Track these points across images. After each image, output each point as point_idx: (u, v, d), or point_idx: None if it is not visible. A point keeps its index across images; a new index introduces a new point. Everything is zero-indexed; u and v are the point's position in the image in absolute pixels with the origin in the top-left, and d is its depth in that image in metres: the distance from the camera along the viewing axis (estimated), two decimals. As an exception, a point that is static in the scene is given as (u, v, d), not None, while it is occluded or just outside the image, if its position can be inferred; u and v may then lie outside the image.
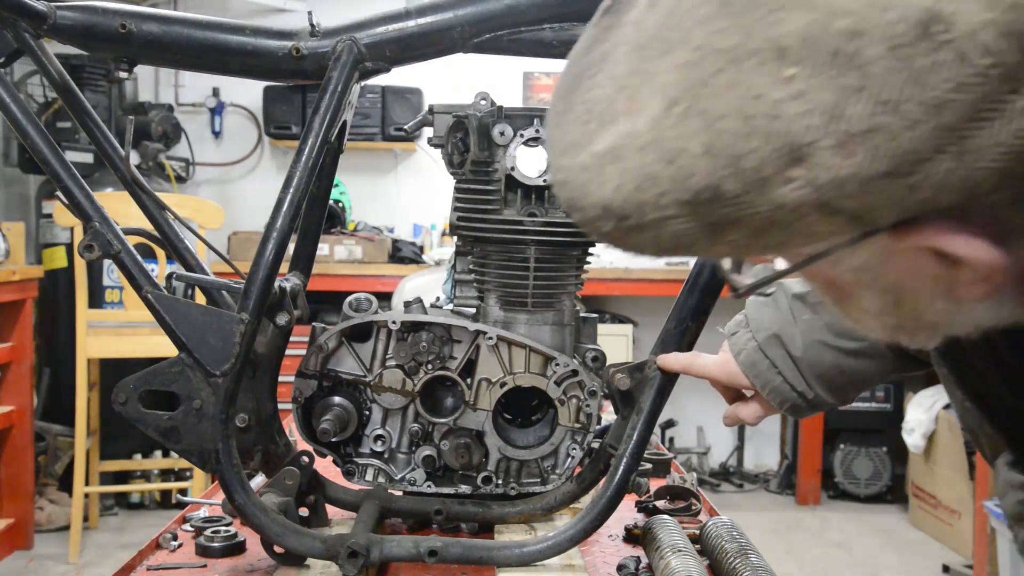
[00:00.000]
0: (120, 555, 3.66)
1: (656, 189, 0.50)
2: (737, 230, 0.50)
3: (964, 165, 0.45)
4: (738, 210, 0.49)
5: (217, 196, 5.18)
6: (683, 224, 0.51)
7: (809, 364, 1.10)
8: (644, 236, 0.53)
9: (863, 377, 1.12)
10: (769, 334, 1.12)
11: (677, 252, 0.54)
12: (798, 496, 4.81)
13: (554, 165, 0.58)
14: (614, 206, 0.52)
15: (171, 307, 1.10)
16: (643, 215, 0.51)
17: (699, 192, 0.49)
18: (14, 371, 3.74)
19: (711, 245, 0.52)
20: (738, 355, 1.13)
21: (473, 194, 1.23)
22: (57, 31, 1.12)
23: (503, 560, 1.14)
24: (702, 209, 0.49)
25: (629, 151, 0.51)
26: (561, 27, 1.14)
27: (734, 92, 0.47)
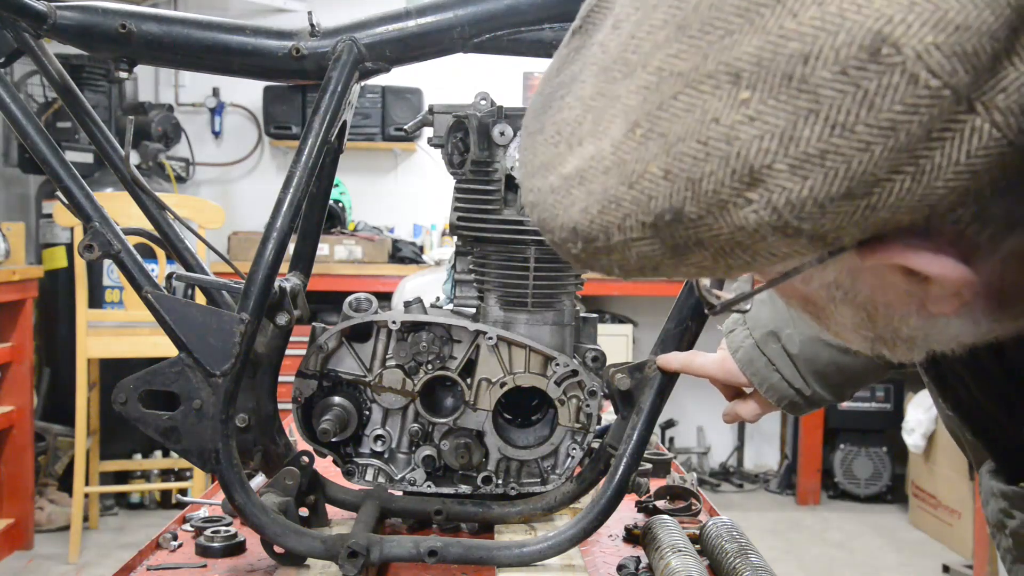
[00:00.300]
0: (120, 555, 3.66)
1: (620, 212, 0.50)
2: (701, 252, 0.50)
3: (921, 185, 0.45)
4: (700, 232, 0.49)
5: (217, 196, 5.18)
6: (647, 246, 0.51)
7: (806, 361, 1.11)
8: (611, 258, 0.53)
9: (860, 373, 1.13)
10: (766, 331, 1.12)
11: (644, 274, 0.54)
12: (798, 496, 4.82)
13: (526, 186, 0.58)
14: (581, 228, 0.53)
15: (171, 307, 1.10)
16: (609, 237, 0.52)
17: (661, 215, 0.49)
18: (14, 371, 3.74)
19: (677, 267, 0.52)
20: (735, 352, 1.14)
21: (473, 194, 1.23)
22: (57, 31, 1.12)
23: (503, 560, 1.14)
24: (665, 232, 0.50)
25: (594, 173, 0.51)
26: (561, 27, 1.14)
27: (691, 115, 0.47)
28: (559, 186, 0.54)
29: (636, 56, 0.51)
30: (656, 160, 0.48)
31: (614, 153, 0.50)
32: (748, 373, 1.13)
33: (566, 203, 0.53)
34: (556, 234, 0.55)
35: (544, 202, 0.55)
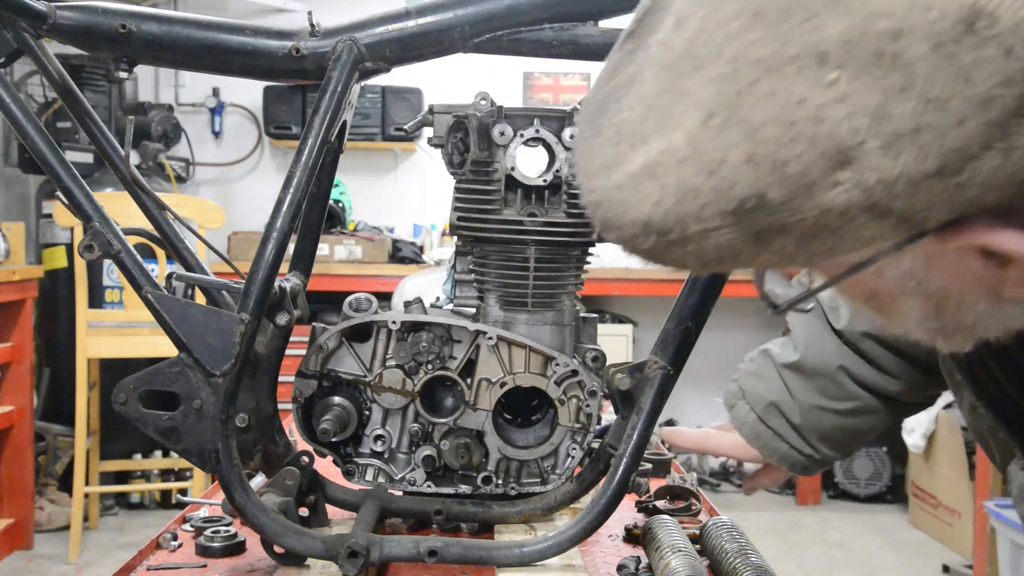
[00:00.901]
0: (120, 555, 3.66)
1: (698, 201, 0.50)
2: (784, 238, 0.50)
3: (1011, 162, 0.45)
4: (784, 217, 0.49)
5: (217, 196, 5.18)
6: (727, 235, 0.51)
7: (812, 427, 1.15)
8: (687, 250, 0.53)
9: (863, 431, 1.18)
10: (766, 404, 1.16)
11: (721, 265, 0.54)
12: (798, 496, 4.82)
13: (586, 187, 0.58)
14: (654, 222, 0.52)
15: (171, 307, 1.10)
16: (685, 229, 0.51)
17: (743, 201, 0.49)
18: (14, 371, 3.74)
19: (756, 255, 0.52)
20: (741, 428, 1.18)
21: (473, 194, 1.23)
22: (57, 31, 1.12)
23: (503, 560, 1.14)
24: (746, 219, 0.49)
25: (666, 167, 0.51)
26: (561, 27, 1.14)
27: (774, 100, 0.47)
28: (626, 183, 0.54)
29: (707, 49, 0.50)
30: (737, 147, 0.48)
31: (689, 144, 0.50)
32: (757, 446, 1.17)
33: (635, 199, 0.53)
34: (625, 230, 0.55)
35: (610, 200, 0.55)
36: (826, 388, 1.14)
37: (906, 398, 1.15)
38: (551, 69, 5.42)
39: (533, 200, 1.24)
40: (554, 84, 5.46)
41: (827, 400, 1.13)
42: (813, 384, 1.14)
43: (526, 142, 1.23)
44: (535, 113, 1.23)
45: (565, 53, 1.15)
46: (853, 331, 1.13)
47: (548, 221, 1.22)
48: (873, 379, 1.13)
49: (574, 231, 1.23)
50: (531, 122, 1.22)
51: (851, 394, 1.14)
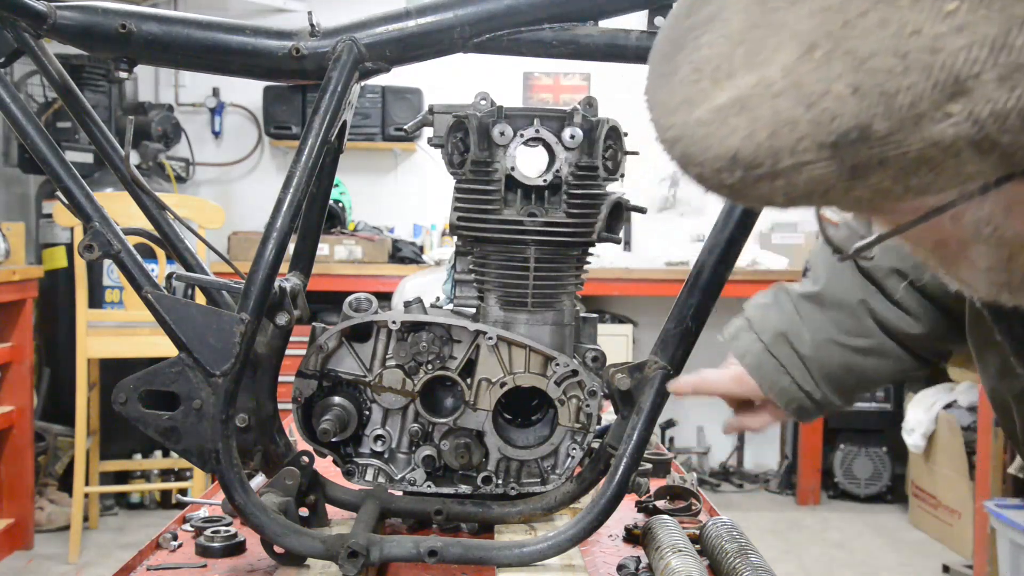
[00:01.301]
0: (120, 555, 3.66)
1: (795, 134, 0.50)
2: (881, 172, 0.49)
3: None
4: (886, 150, 0.48)
5: (217, 196, 5.18)
6: (821, 169, 0.50)
7: (819, 363, 1.11)
8: (775, 184, 0.52)
9: (871, 377, 1.13)
10: (775, 333, 1.12)
11: (809, 200, 0.53)
12: (798, 496, 4.81)
13: (663, 124, 0.57)
14: (743, 155, 0.52)
15: (171, 307, 1.10)
16: (777, 162, 0.51)
17: (845, 133, 0.48)
18: (14, 371, 3.74)
19: (848, 191, 0.51)
20: (743, 357, 1.14)
21: (473, 194, 1.23)
22: (57, 31, 1.12)
23: (503, 560, 1.14)
24: (845, 151, 0.49)
25: (759, 100, 0.51)
26: (561, 27, 1.14)
27: (886, 30, 0.46)
28: (710, 119, 0.53)
29: None
30: (842, 78, 0.48)
31: (786, 77, 0.50)
32: (757, 377, 1.13)
33: (722, 133, 0.52)
34: (707, 166, 0.54)
35: (692, 135, 0.54)
36: (842, 322, 1.11)
37: (922, 345, 1.12)
38: (551, 69, 5.42)
39: (533, 200, 1.24)
40: (554, 84, 5.46)
41: (841, 334, 1.10)
42: (829, 316, 1.11)
43: (526, 142, 1.22)
44: (535, 113, 1.23)
45: (565, 53, 1.15)
46: (880, 267, 1.10)
47: (548, 221, 1.22)
48: (893, 318, 1.10)
49: (574, 231, 1.23)
50: (531, 122, 1.22)
51: (867, 331, 1.11)
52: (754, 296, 1.19)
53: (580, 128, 1.22)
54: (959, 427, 3.97)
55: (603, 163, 1.24)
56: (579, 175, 1.22)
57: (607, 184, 1.26)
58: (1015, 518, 3.01)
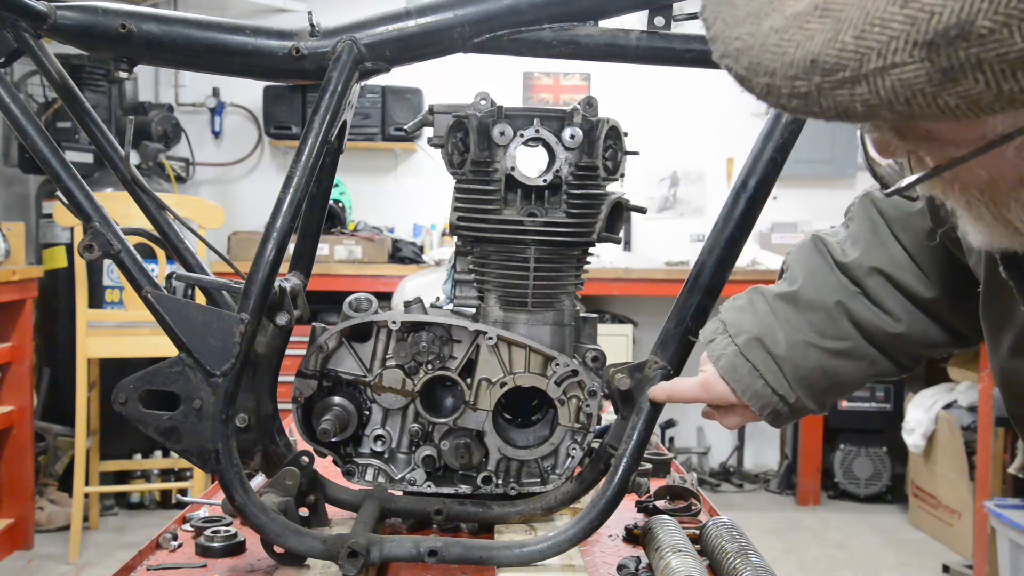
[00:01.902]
0: (120, 555, 3.67)
1: (886, 34, 0.48)
2: (975, 76, 0.48)
3: None
4: (985, 50, 0.47)
5: (217, 196, 5.18)
6: (911, 71, 0.48)
7: (793, 365, 1.09)
8: (856, 91, 0.51)
9: (845, 380, 1.12)
10: (749, 337, 1.10)
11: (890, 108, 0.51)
12: (798, 496, 4.82)
13: (726, 37, 0.56)
14: (825, 59, 0.50)
15: (171, 307, 1.10)
16: (862, 64, 0.49)
17: (944, 32, 0.47)
18: (14, 371, 3.74)
19: (935, 97, 0.49)
20: (717, 360, 1.12)
21: (473, 194, 1.23)
22: (57, 31, 1.12)
23: (503, 560, 1.14)
24: (942, 52, 0.47)
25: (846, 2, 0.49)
26: (561, 27, 1.14)
27: None
28: (785, 25, 0.52)
29: None
30: None
31: None
32: (731, 381, 1.10)
33: (800, 38, 0.51)
34: (779, 74, 0.52)
35: (762, 44, 0.53)
36: (818, 323, 1.09)
37: (899, 347, 1.10)
38: (551, 69, 5.42)
39: (533, 200, 1.24)
40: (554, 84, 5.46)
41: (816, 336, 1.08)
42: (805, 318, 1.09)
43: (526, 142, 1.22)
44: (535, 113, 1.23)
45: (565, 53, 1.15)
46: (861, 266, 1.09)
47: (548, 221, 1.22)
48: (871, 319, 1.08)
49: (574, 231, 1.23)
50: (531, 122, 1.22)
51: (843, 333, 1.09)
52: (730, 299, 1.18)
53: (580, 128, 1.22)
54: (959, 427, 3.97)
55: (603, 163, 1.24)
56: (579, 175, 1.22)
57: (607, 184, 1.26)
58: (1015, 518, 3.01)
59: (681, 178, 5.48)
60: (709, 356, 1.13)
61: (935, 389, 4.33)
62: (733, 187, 1.18)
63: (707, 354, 1.14)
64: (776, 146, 1.15)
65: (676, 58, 1.15)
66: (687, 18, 1.14)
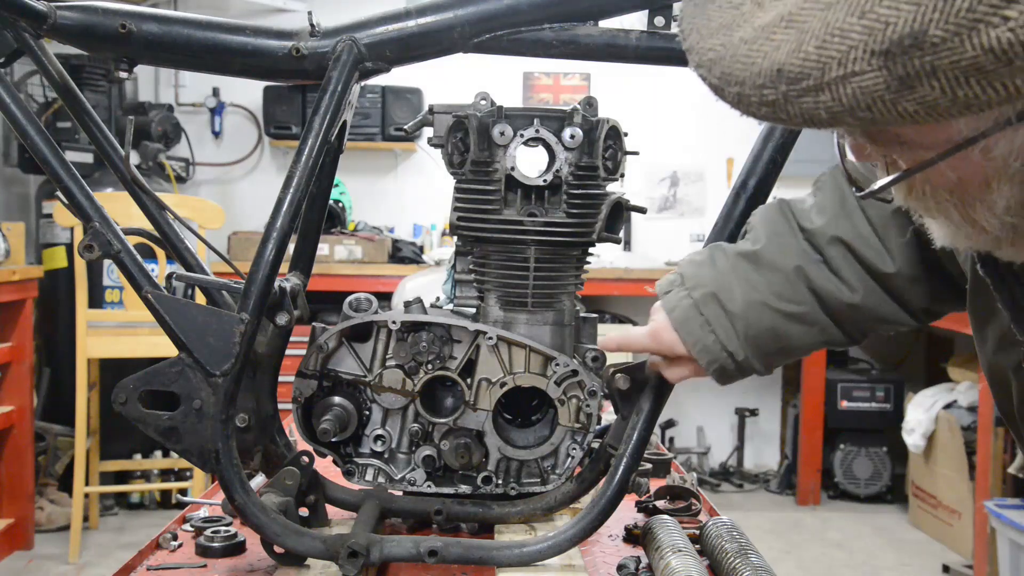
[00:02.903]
0: (120, 555, 3.66)
1: (845, 44, 0.50)
2: (930, 83, 0.49)
3: None
4: (939, 58, 0.48)
5: (217, 196, 5.18)
6: (870, 79, 0.50)
7: (746, 324, 1.09)
8: (820, 98, 0.52)
9: (795, 344, 1.12)
10: (706, 292, 1.10)
11: (852, 115, 0.53)
12: (798, 496, 4.81)
13: (700, 48, 0.57)
14: (789, 68, 0.52)
15: (171, 307, 1.10)
16: (824, 73, 0.51)
17: (898, 41, 0.48)
18: (14, 371, 3.74)
19: (894, 104, 0.51)
20: (671, 312, 1.11)
21: (473, 194, 1.23)
22: (57, 31, 1.12)
23: (503, 560, 1.14)
24: (897, 60, 0.49)
25: (809, 13, 0.51)
26: (561, 27, 1.14)
27: None
28: (754, 36, 0.54)
29: None
30: None
31: None
32: (682, 332, 1.10)
33: (767, 49, 0.53)
34: (748, 83, 0.54)
35: (733, 54, 0.55)
36: (776, 285, 1.09)
37: (852, 318, 1.11)
38: (551, 69, 5.42)
39: (533, 200, 1.24)
40: (554, 84, 5.46)
41: (773, 297, 1.09)
42: (763, 277, 1.10)
43: (526, 142, 1.22)
44: (535, 113, 1.23)
45: (565, 53, 1.15)
46: (824, 234, 1.09)
47: (548, 221, 1.22)
48: (828, 287, 1.09)
49: (574, 231, 1.23)
50: (531, 122, 1.22)
51: (800, 298, 1.09)
52: (689, 252, 1.18)
53: (580, 128, 1.22)
54: (959, 427, 3.97)
55: (603, 163, 1.24)
56: (579, 175, 1.22)
57: (607, 184, 1.26)
58: (1015, 518, 3.01)
59: (681, 178, 5.48)
60: (664, 306, 1.13)
61: (935, 389, 4.33)
62: (733, 187, 1.18)
63: (661, 303, 1.14)
64: (776, 146, 1.15)
65: (676, 58, 1.15)
66: (687, 18, 1.14)
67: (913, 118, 0.52)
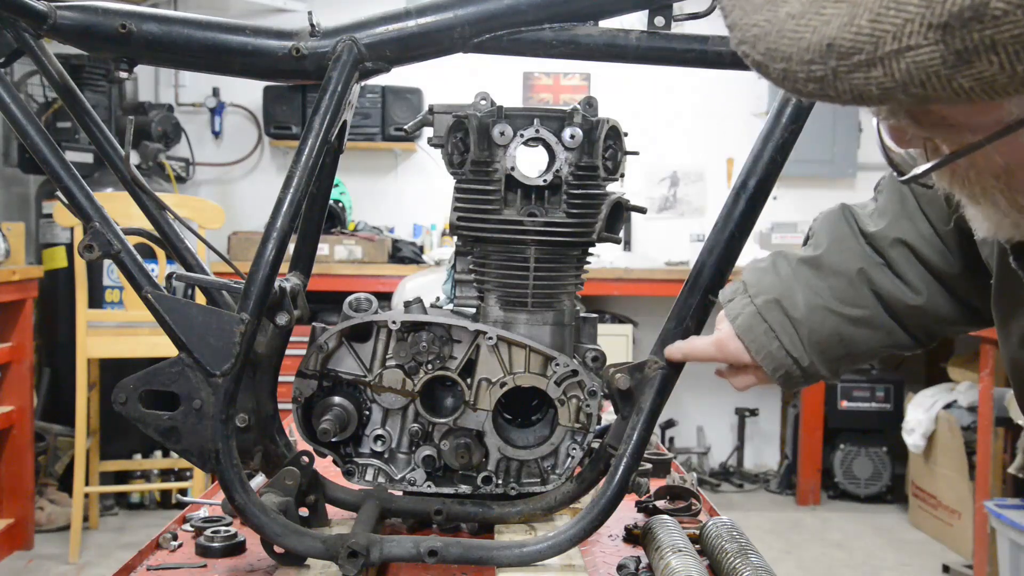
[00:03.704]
0: (120, 555, 3.67)
1: (901, 16, 0.49)
2: (988, 58, 0.48)
3: None
4: (999, 31, 0.47)
5: (217, 196, 5.18)
6: (926, 54, 0.49)
7: (810, 329, 1.09)
8: (871, 74, 0.51)
9: (860, 348, 1.12)
10: (769, 298, 1.11)
11: (905, 91, 0.51)
12: (798, 496, 4.82)
13: (744, 24, 0.56)
14: (840, 42, 0.51)
15: (171, 307, 1.10)
16: (877, 48, 0.50)
17: (958, 13, 0.47)
18: (14, 371, 3.74)
19: (949, 80, 0.50)
20: (735, 320, 1.12)
21: (473, 194, 1.23)
22: (57, 31, 1.12)
23: (503, 560, 1.14)
24: (956, 34, 0.48)
25: None
26: (561, 27, 1.14)
27: None
28: (802, 11, 0.52)
29: None
30: None
31: None
32: (746, 340, 1.11)
33: (817, 23, 0.52)
34: (796, 59, 0.53)
35: (779, 30, 0.54)
36: (839, 289, 1.09)
37: (917, 320, 1.10)
38: (551, 69, 5.42)
39: (533, 200, 1.24)
40: (554, 84, 5.46)
41: (836, 302, 1.08)
42: (826, 282, 1.09)
43: (526, 142, 1.22)
44: (535, 113, 1.23)
45: (565, 53, 1.15)
46: (886, 236, 1.09)
47: (548, 221, 1.22)
48: (892, 289, 1.09)
49: (574, 231, 1.23)
50: (531, 122, 1.22)
51: (863, 301, 1.09)
52: (752, 260, 1.18)
53: (580, 128, 1.22)
54: (959, 427, 3.98)
55: (603, 163, 1.24)
56: (579, 175, 1.22)
57: (607, 184, 1.26)
58: (1015, 518, 3.01)
59: (681, 178, 5.48)
60: (727, 314, 1.14)
61: (935, 389, 4.33)
62: (733, 187, 1.18)
63: (725, 312, 1.14)
64: (776, 146, 1.15)
65: (676, 58, 1.15)
66: (687, 18, 1.14)
67: (968, 95, 0.51)
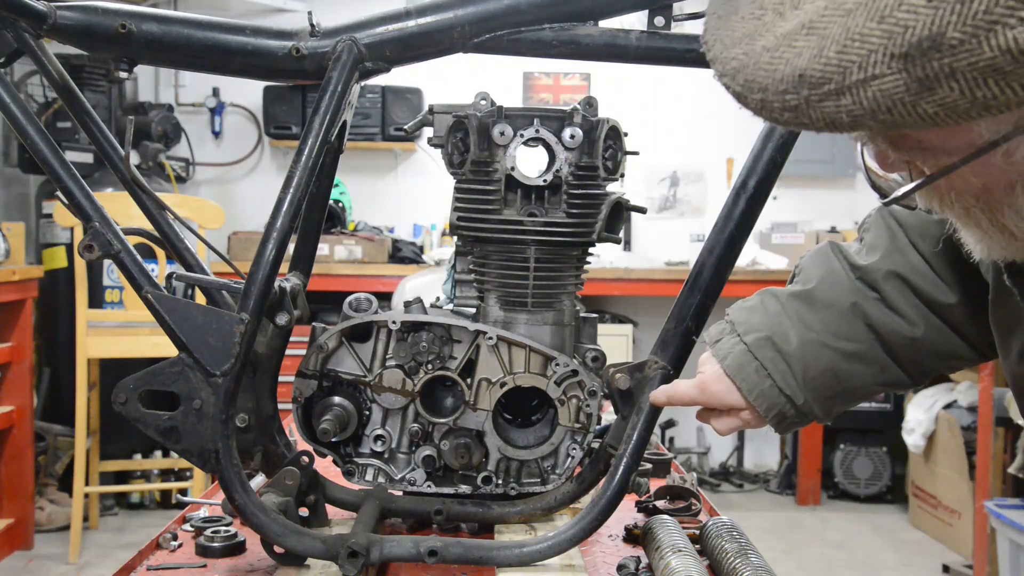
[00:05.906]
0: (120, 555, 3.67)
1: (865, 47, 0.51)
2: (950, 84, 0.50)
3: None
4: (957, 60, 0.49)
5: (217, 196, 5.18)
6: (890, 82, 0.51)
7: (804, 365, 1.07)
8: (841, 102, 0.53)
9: (855, 385, 1.10)
10: (759, 336, 1.08)
11: (874, 117, 0.54)
12: (798, 496, 4.81)
13: (723, 57, 0.59)
14: (810, 73, 0.53)
15: (171, 307, 1.10)
16: (845, 77, 0.52)
17: (917, 44, 0.49)
18: (14, 371, 3.74)
19: (914, 106, 0.52)
20: (724, 359, 1.09)
21: (473, 194, 1.23)
22: (57, 31, 1.12)
23: (503, 560, 1.14)
24: (916, 63, 0.50)
25: (829, 20, 0.52)
26: (561, 27, 1.14)
27: None
28: (776, 44, 0.55)
29: None
30: None
31: None
32: (737, 380, 1.08)
33: (789, 55, 0.54)
34: (771, 89, 0.56)
35: (755, 62, 0.56)
36: (832, 323, 1.06)
37: (913, 354, 1.08)
38: (551, 69, 5.42)
39: (533, 200, 1.24)
40: (554, 84, 5.46)
41: (830, 336, 1.06)
42: (819, 317, 1.07)
43: (526, 142, 1.22)
44: (535, 113, 1.23)
45: (565, 53, 1.15)
46: (878, 269, 1.07)
47: (548, 221, 1.22)
48: (887, 322, 1.06)
49: (574, 231, 1.23)
50: (531, 122, 1.22)
51: (858, 335, 1.07)
52: (738, 300, 1.16)
53: (580, 128, 1.22)
54: (959, 427, 3.97)
55: (603, 163, 1.24)
56: (579, 175, 1.22)
57: (607, 184, 1.26)
58: (1015, 518, 3.01)
59: (681, 178, 5.48)
60: (715, 355, 1.11)
61: (935, 389, 4.33)
62: (733, 187, 1.18)
63: (712, 353, 1.11)
64: (776, 146, 1.15)
65: (676, 58, 1.15)
66: (687, 18, 1.14)
67: (933, 120, 0.53)
